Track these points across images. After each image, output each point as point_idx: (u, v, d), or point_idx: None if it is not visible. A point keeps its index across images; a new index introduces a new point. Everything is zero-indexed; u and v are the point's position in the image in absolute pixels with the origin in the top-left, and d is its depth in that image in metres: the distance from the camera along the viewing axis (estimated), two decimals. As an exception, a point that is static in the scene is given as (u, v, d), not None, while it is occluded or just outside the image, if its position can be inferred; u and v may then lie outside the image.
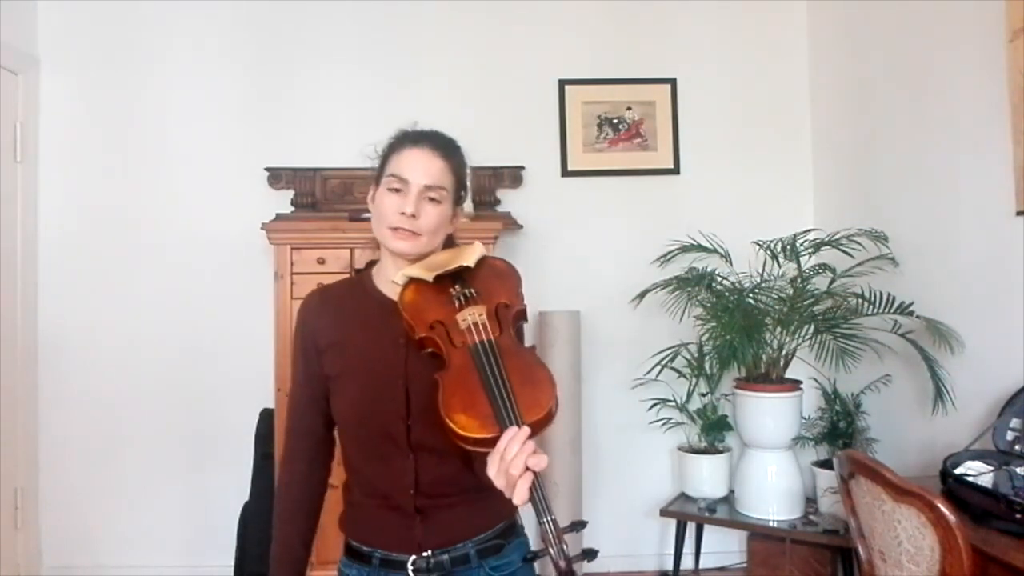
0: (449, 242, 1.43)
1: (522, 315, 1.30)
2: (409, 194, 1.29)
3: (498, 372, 1.13)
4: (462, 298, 1.25)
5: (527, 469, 1.03)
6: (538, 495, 1.04)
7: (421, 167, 1.30)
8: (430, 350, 1.22)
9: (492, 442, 1.07)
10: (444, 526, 1.29)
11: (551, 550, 1.02)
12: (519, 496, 1.03)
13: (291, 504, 1.41)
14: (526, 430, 1.06)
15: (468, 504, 1.30)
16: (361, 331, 1.34)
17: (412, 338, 1.24)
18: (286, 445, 1.41)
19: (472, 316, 1.21)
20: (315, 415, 1.37)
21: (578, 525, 1.07)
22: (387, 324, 1.29)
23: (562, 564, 1.01)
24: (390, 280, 1.32)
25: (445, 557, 1.28)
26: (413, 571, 1.29)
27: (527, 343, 1.31)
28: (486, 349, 1.16)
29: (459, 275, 1.29)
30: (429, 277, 1.27)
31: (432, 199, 1.30)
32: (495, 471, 1.06)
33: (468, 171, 1.41)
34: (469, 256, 1.31)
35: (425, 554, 1.29)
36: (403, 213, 1.28)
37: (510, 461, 1.04)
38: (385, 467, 1.30)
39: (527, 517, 1.21)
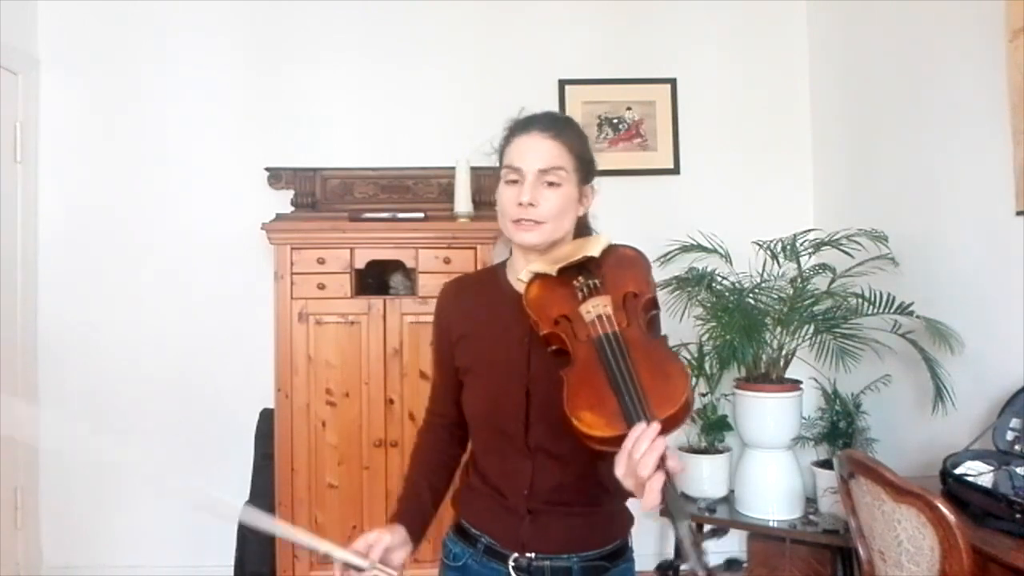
0: (582, 225, 1.37)
1: (653, 304, 1.23)
2: (524, 182, 1.24)
3: (624, 366, 1.06)
4: (586, 289, 1.19)
5: (658, 469, 0.97)
6: (672, 498, 0.97)
7: (532, 152, 1.26)
8: (555, 347, 1.18)
9: (620, 441, 1.01)
10: (552, 533, 1.26)
11: (689, 559, 0.93)
12: (650, 499, 0.96)
13: (420, 465, 1.39)
14: (656, 426, 0.99)
15: (581, 517, 1.27)
16: (490, 325, 1.32)
17: (538, 335, 1.20)
18: (424, 422, 1.44)
19: (596, 308, 1.15)
20: (450, 403, 1.37)
21: (719, 532, 0.99)
22: (514, 320, 1.26)
23: (701, 575, 0.93)
24: (517, 277, 1.29)
25: (547, 564, 1.26)
26: (514, 568, 1.26)
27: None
28: (611, 341, 1.10)
29: (584, 266, 1.24)
30: (552, 271, 1.23)
31: (551, 183, 1.25)
32: (623, 471, 1.00)
33: (588, 144, 1.34)
34: (593, 246, 1.26)
35: (528, 555, 1.26)
36: (520, 203, 1.23)
37: (639, 460, 0.97)
38: (502, 465, 1.29)
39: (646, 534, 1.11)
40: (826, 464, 2.85)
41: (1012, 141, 2.24)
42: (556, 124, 1.29)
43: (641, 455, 0.97)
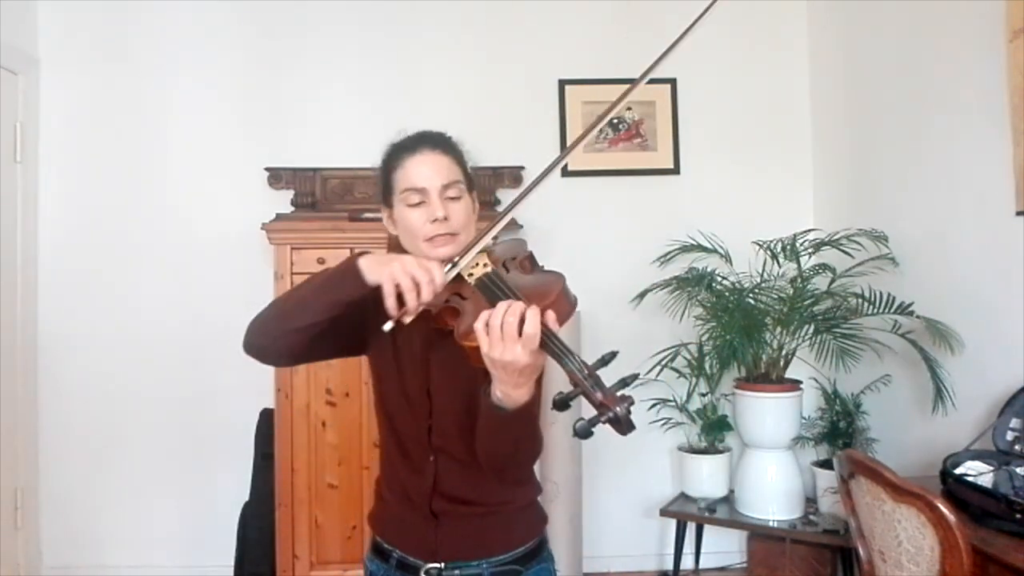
0: None
1: (532, 260, 1.29)
2: (432, 200, 1.27)
3: (505, 287, 1.14)
4: (465, 263, 1.26)
5: (524, 322, 1.03)
6: (552, 341, 1.04)
7: (431, 170, 1.29)
8: (451, 327, 1.19)
9: None
10: (460, 538, 1.28)
11: (584, 386, 1.01)
12: (534, 325, 1.03)
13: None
14: (518, 303, 1.06)
15: (487, 519, 1.30)
16: (397, 334, 1.32)
17: (434, 324, 1.23)
18: None
19: (477, 267, 1.23)
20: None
21: (608, 357, 1.04)
22: (416, 329, 1.28)
23: (598, 396, 1.00)
24: None
25: (457, 572, 1.28)
26: None
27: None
28: (490, 277, 1.19)
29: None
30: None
31: (453, 197, 1.30)
32: (487, 341, 1.05)
33: (466, 155, 1.40)
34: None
35: (438, 564, 1.28)
36: (435, 220, 1.26)
37: (500, 320, 1.03)
38: (409, 465, 1.32)
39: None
40: (826, 464, 2.85)
41: (1012, 141, 2.24)
42: (442, 141, 1.34)
43: (501, 315, 1.04)
